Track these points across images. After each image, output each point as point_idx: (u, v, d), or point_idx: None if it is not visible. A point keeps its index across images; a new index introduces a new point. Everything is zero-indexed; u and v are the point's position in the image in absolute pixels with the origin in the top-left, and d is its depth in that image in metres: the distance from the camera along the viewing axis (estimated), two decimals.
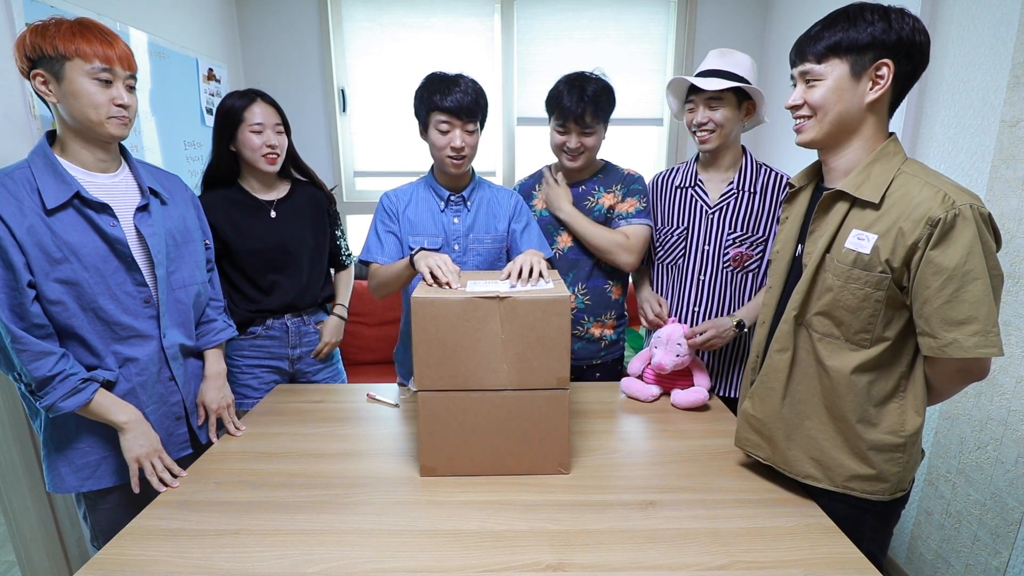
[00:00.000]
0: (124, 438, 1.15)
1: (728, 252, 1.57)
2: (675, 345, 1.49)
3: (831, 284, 1.01)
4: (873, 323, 0.99)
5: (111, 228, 1.13)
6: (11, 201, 1.04)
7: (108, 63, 1.07)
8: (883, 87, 0.96)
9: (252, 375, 1.70)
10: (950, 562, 1.71)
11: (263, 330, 1.66)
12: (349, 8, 2.86)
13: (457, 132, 1.45)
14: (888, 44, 0.94)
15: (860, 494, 1.05)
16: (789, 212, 1.18)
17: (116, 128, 1.11)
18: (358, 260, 1.58)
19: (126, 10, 1.99)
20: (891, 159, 0.99)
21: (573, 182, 1.68)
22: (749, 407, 1.16)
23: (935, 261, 0.90)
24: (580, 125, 1.54)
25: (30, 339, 1.05)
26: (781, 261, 1.15)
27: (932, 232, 0.90)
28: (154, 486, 1.15)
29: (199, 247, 1.35)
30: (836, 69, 0.98)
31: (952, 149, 1.70)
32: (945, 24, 1.73)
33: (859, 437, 1.03)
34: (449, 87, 1.44)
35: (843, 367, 1.01)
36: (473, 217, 1.56)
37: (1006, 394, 1.52)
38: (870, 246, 0.96)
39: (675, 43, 2.91)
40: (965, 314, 0.90)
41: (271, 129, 1.56)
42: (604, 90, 1.56)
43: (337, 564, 0.92)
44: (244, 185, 1.64)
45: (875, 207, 0.96)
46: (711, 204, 1.58)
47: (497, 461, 1.18)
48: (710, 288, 1.61)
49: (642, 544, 0.97)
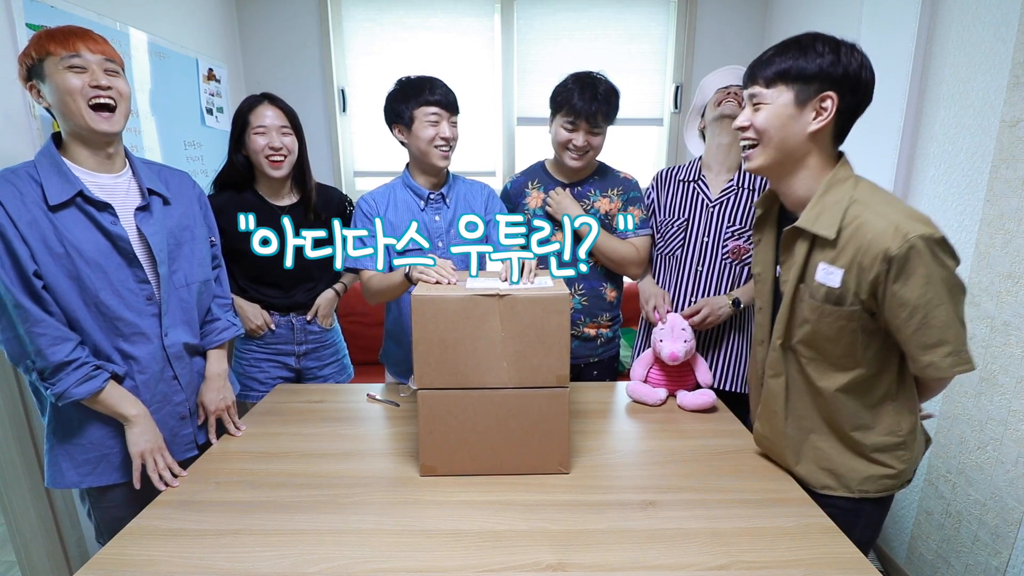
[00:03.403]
0: (130, 432, 1.17)
1: (727, 245, 1.61)
2: (680, 332, 1.50)
3: (807, 316, 1.03)
4: (853, 348, 1.01)
5: (112, 225, 1.14)
6: (15, 194, 1.06)
7: (74, 50, 1.08)
8: (826, 119, 0.97)
9: (259, 369, 1.75)
10: (950, 562, 1.70)
11: (272, 326, 1.71)
12: (349, 8, 2.86)
13: (445, 124, 1.51)
14: (834, 77, 0.95)
15: (875, 494, 1.07)
16: (760, 235, 1.20)
17: (97, 121, 1.10)
18: (343, 267, 1.58)
19: (126, 10, 1.99)
20: (842, 186, 0.99)
21: (570, 182, 1.68)
22: (759, 428, 1.20)
23: (898, 295, 0.93)
24: (591, 124, 1.55)
25: (52, 322, 1.08)
26: (765, 283, 1.18)
27: (889, 267, 0.91)
28: (155, 483, 1.16)
29: (203, 245, 1.34)
30: (782, 95, 0.99)
31: (952, 149, 1.70)
32: (945, 24, 1.73)
33: (859, 443, 1.06)
34: (431, 84, 1.51)
35: (830, 385, 1.05)
36: (453, 213, 1.58)
37: (1006, 394, 1.52)
38: (839, 280, 0.97)
39: (675, 43, 2.91)
40: (936, 338, 0.93)
41: (276, 131, 1.56)
42: (613, 91, 1.58)
43: (337, 564, 0.92)
44: (259, 190, 1.66)
45: (832, 244, 0.98)
46: (712, 198, 1.61)
47: (497, 461, 1.18)
48: (707, 279, 1.64)
49: (642, 544, 0.97)
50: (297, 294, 1.73)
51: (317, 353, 1.81)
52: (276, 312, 1.72)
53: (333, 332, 1.87)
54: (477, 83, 2.94)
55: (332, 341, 1.86)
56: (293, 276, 1.67)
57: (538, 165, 1.75)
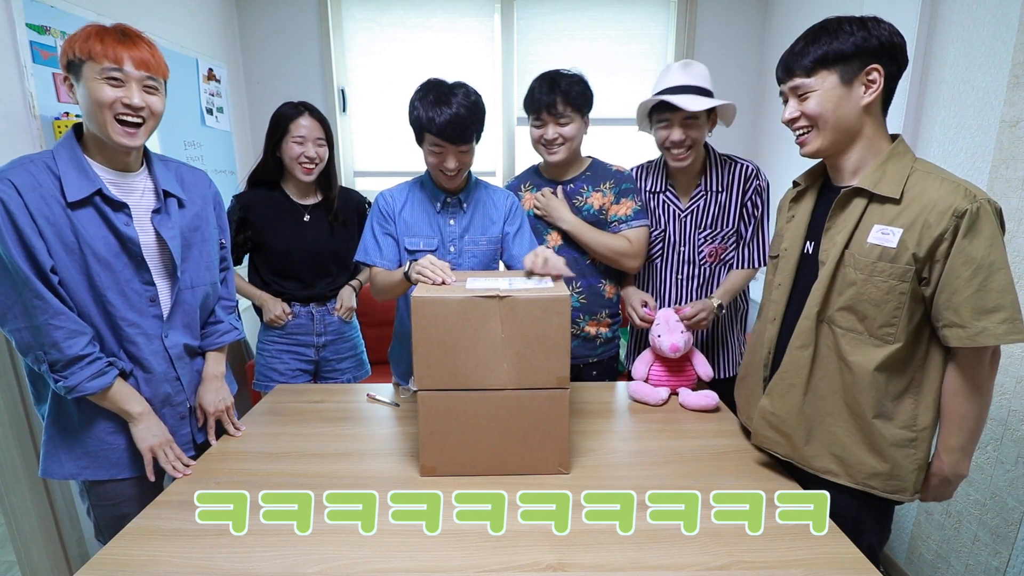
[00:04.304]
0: (136, 428, 1.18)
1: (703, 250, 1.64)
2: (676, 324, 1.52)
3: (854, 279, 1.03)
4: (897, 316, 1.01)
5: (124, 227, 1.14)
6: (34, 187, 1.05)
7: (117, 63, 1.06)
8: (876, 90, 1.01)
9: (279, 360, 1.85)
10: (950, 562, 1.71)
11: (291, 315, 1.81)
12: (349, 8, 2.86)
13: (450, 156, 1.42)
14: (872, 50, 1.00)
15: (881, 493, 1.07)
16: (796, 211, 1.19)
17: (120, 136, 1.09)
18: (355, 261, 1.60)
19: (126, 10, 2.00)
20: (903, 158, 1.03)
21: (561, 180, 1.68)
22: (767, 404, 1.18)
23: (966, 251, 0.93)
24: (553, 115, 1.55)
25: (71, 315, 1.08)
26: (789, 259, 1.17)
27: (959, 223, 0.93)
28: (168, 472, 1.19)
29: (212, 247, 1.33)
30: (826, 80, 1.02)
31: (952, 149, 1.70)
32: (945, 24, 1.73)
33: (879, 434, 1.05)
34: (442, 105, 1.35)
35: (866, 363, 1.04)
36: (469, 219, 1.56)
37: (1006, 394, 1.52)
38: (896, 240, 0.98)
39: (675, 43, 2.91)
40: (994, 302, 0.94)
41: (312, 142, 1.71)
42: (577, 81, 1.57)
43: (337, 564, 0.92)
44: (285, 188, 1.80)
45: (895, 202, 1.00)
46: (683, 208, 1.64)
47: (497, 461, 1.18)
48: (688, 284, 1.68)
49: (642, 544, 0.97)
50: (315, 289, 1.84)
51: (336, 346, 1.90)
52: (297, 303, 1.83)
53: (352, 327, 1.97)
54: (477, 83, 2.87)
55: (350, 335, 1.96)
56: (313, 270, 1.82)
57: (532, 168, 1.76)
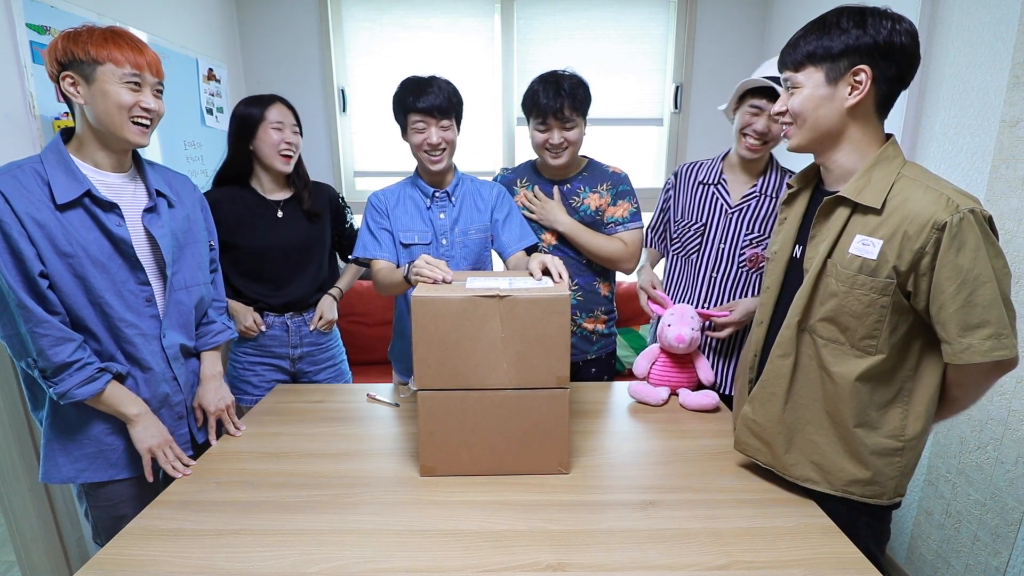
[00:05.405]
0: (134, 430, 1.18)
1: (744, 252, 1.59)
2: (689, 319, 1.50)
3: (835, 290, 1.01)
4: (879, 328, 0.98)
5: (116, 228, 1.14)
6: (22, 192, 1.06)
7: (138, 69, 1.11)
8: (862, 92, 0.96)
9: (253, 372, 1.73)
10: (950, 562, 1.71)
11: (263, 327, 1.69)
12: (349, 8, 2.86)
13: (432, 130, 1.49)
14: (863, 49, 0.95)
15: (859, 498, 1.05)
16: (787, 213, 1.18)
17: (135, 135, 1.13)
18: (354, 257, 1.60)
19: (126, 10, 1.99)
20: (891, 163, 0.99)
21: (557, 180, 1.68)
22: (749, 412, 1.15)
23: (950, 264, 0.90)
24: (560, 120, 1.54)
25: (55, 322, 1.08)
26: (778, 262, 1.15)
27: (940, 236, 0.90)
28: (168, 472, 1.19)
29: (203, 248, 1.35)
30: (812, 77, 1.00)
31: (952, 149, 1.70)
32: (945, 24, 1.73)
33: (860, 442, 1.03)
34: (422, 89, 1.49)
35: (848, 373, 1.01)
36: (458, 211, 1.59)
37: (1006, 394, 1.52)
38: (876, 251, 0.96)
39: (675, 43, 2.91)
40: (979, 318, 0.91)
41: (289, 128, 1.64)
42: (580, 84, 1.57)
43: (337, 564, 0.92)
44: (254, 185, 1.69)
45: (877, 212, 0.97)
46: (732, 204, 1.59)
47: (497, 461, 1.18)
48: (722, 285, 1.63)
49: (642, 544, 0.97)
50: (290, 290, 1.71)
51: (313, 357, 1.78)
52: (271, 313, 1.71)
53: (331, 336, 1.84)
54: (477, 83, 2.94)
55: (329, 345, 1.83)
56: (287, 269, 1.69)
57: (528, 163, 1.75)
